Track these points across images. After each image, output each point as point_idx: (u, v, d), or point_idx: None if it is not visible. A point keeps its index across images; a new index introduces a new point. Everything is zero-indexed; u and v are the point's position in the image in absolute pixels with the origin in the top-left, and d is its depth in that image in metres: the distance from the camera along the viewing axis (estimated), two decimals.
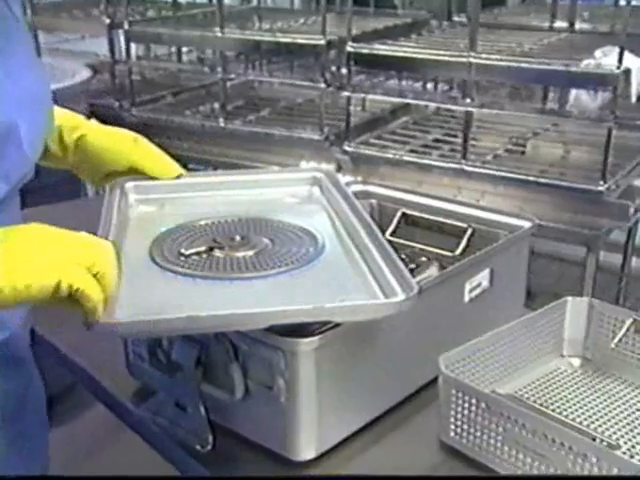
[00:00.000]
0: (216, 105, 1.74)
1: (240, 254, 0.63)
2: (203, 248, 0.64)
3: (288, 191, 0.76)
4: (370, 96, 1.58)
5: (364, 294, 0.56)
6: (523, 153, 1.50)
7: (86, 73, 1.87)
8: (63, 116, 0.73)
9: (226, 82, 1.67)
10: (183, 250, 0.63)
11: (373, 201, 0.89)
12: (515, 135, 1.57)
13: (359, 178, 1.48)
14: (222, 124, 1.66)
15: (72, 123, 0.73)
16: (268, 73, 1.90)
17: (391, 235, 0.83)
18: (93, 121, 0.74)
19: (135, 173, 0.73)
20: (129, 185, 0.74)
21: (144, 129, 0.82)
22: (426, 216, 0.83)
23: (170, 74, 2.05)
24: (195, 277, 0.59)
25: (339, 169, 1.52)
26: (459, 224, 0.81)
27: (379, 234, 0.64)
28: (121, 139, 0.72)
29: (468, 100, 1.41)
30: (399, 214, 0.85)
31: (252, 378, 0.61)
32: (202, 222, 0.70)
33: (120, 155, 0.72)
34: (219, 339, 0.61)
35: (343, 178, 0.82)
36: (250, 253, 0.63)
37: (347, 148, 1.52)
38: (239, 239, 0.65)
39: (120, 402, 0.72)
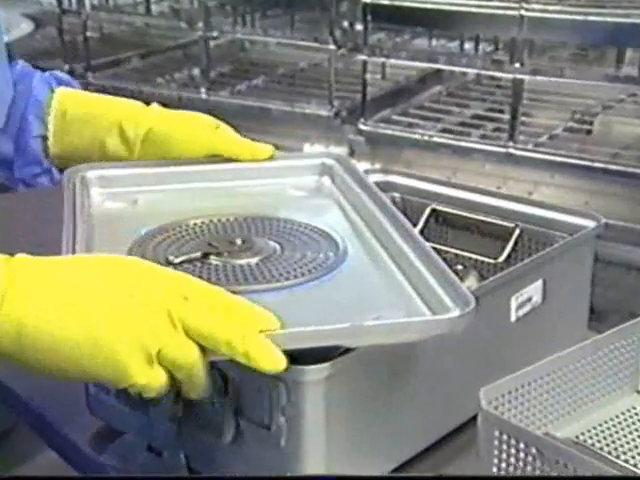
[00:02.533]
0: (196, 71, 1.78)
1: (243, 261, 0.64)
2: (197, 254, 0.65)
3: (292, 182, 0.78)
4: (392, 60, 1.61)
5: (402, 310, 0.58)
6: (589, 132, 1.52)
7: (25, 27, 1.89)
8: (120, 107, 0.76)
9: (208, 41, 1.71)
10: (171, 257, 0.65)
11: (395, 194, 0.91)
12: (579, 109, 1.59)
13: (377, 165, 1.51)
14: (204, 95, 1.69)
15: (133, 114, 0.75)
16: (262, 30, 1.93)
17: None
18: (155, 106, 0.78)
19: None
20: (90, 175, 0.76)
21: None
22: (462, 213, 0.85)
23: (136, 30, 2.09)
24: None
25: (352, 153, 1.54)
26: (504, 223, 0.83)
27: (416, 234, 0.66)
28: (197, 127, 0.75)
29: (518, 65, 1.44)
30: (428, 211, 0.87)
31: (245, 415, 0.63)
32: (191, 222, 0.71)
33: (197, 145, 0.75)
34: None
35: (358, 165, 0.85)
36: (254, 260, 0.64)
37: (363, 127, 1.55)
38: (240, 243, 0.66)
39: (76, 446, 0.74)
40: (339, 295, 0.60)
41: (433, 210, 0.87)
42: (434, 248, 0.85)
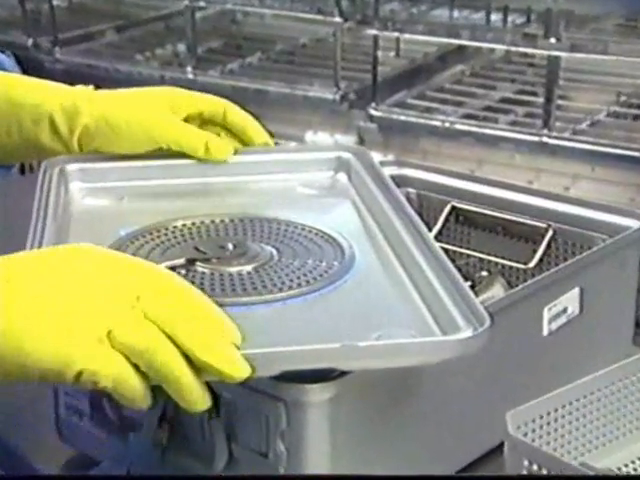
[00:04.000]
0: (181, 47, 1.79)
1: (233, 269, 0.65)
2: (181, 260, 0.66)
3: (302, 178, 0.79)
4: (407, 35, 1.62)
5: (411, 328, 0.58)
6: (637, 118, 1.52)
7: None
8: (49, 96, 0.76)
9: (195, 12, 1.72)
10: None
11: (410, 190, 0.93)
12: (625, 91, 1.59)
13: (390, 156, 1.52)
14: (190, 75, 1.71)
15: (65, 105, 0.75)
16: (257, 0, 1.95)
17: (436, 238, 0.87)
18: (90, 91, 0.78)
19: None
20: (71, 168, 0.77)
21: (72, 81, 0.85)
22: (487, 212, 0.86)
23: None
24: None
25: (361, 142, 1.56)
26: (535, 223, 0.84)
27: (433, 242, 0.66)
28: (147, 116, 0.75)
29: (553, 39, 1.45)
30: (448, 209, 0.88)
31: (239, 440, 0.64)
32: (179, 223, 0.72)
33: (146, 140, 0.76)
34: None
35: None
36: (247, 268, 0.65)
37: (374, 112, 1.56)
38: (232, 248, 0.67)
39: (45, 476, 0.76)
40: (339, 310, 0.61)
41: (453, 208, 0.88)
42: (455, 251, 0.87)
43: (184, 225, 0.72)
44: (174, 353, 0.53)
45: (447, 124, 1.51)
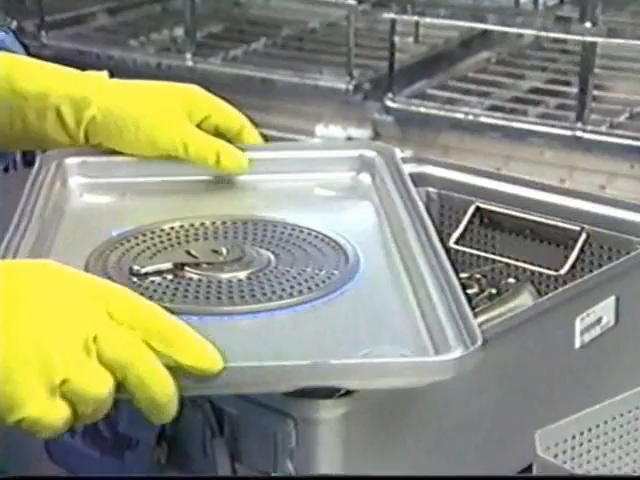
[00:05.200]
0: (179, 31, 1.81)
1: (224, 275, 0.67)
2: (168, 265, 0.67)
3: (321, 178, 0.80)
4: (428, 19, 1.63)
5: (404, 346, 0.59)
6: None
7: None
8: (55, 84, 0.77)
9: None
10: (137, 267, 0.67)
11: (430, 190, 0.94)
12: None
13: (408, 152, 1.53)
14: (189, 62, 1.72)
15: (72, 94, 0.76)
16: None
17: (458, 242, 0.88)
18: (105, 78, 0.78)
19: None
20: (71, 162, 0.78)
21: None
22: (514, 213, 0.87)
23: None
24: None
25: (376, 136, 1.57)
26: (568, 226, 0.85)
27: (442, 254, 0.67)
28: (161, 115, 0.76)
29: (589, 24, 1.46)
30: (471, 210, 0.89)
31: (244, 460, 0.65)
32: (175, 224, 0.73)
33: (158, 142, 0.76)
34: (195, 401, 0.66)
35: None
36: (240, 275, 0.67)
37: (390, 103, 1.57)
38: (226, 252, 0.69)
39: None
40: (329, 324, 0.62)
41: (478, 209, 0.89)
42: (479, 255, 0.88)
43: (181, 226, 0.73)
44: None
45: (471, 117, 1.52)
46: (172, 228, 0.73)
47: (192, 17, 1.72)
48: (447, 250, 0.86)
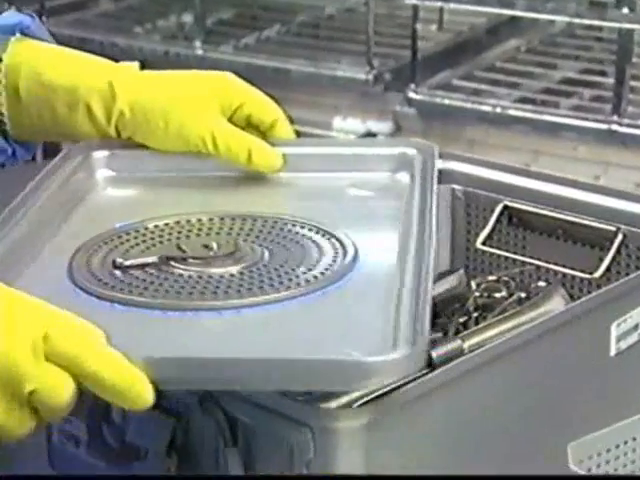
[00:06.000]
0: (188, 17, 1.81)
1: (208, 271, 0.69)
2: (153, 258, 0.70)
3: (356, 177, 0.81)
4: (452, 5, 1.64)
5: (364, 351, 0.60)
6: None
7: None
8: (85, 76, 0.80)
9: None
10: (120, 260, 0.70)
11: (456, 187, 0.94)
12: None
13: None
14: (199, 51, 1.73)
15: (102, 87, 0.79)
16: None
17: (485, 243, 0.89)
18: (135, 69, 0.82)
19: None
20: (98, 155, 0.81)
21: None
22: (545, 212, 0.88)
23: None
24: (126, 304, 0.66)
25: (397, 129, 1.58)
26: (602, 226, 0.86)
27: (430, 256, 0.69)
28: (195, 109, 0.78)
29: (626, 9, 1.46)
30: (499, 209, 0.90)
31: (258, 471, 0.66)
32: (171, 220, 0.76)
33: (189, 137, 0.79)
34: (206, 408, 0.67)
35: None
36: (224, 271, 0.69)
37: (413, 95, 1.58)
38: (216, 248, 0.71)
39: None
40: (293, 325, 0.64)
41: (506, 208, 0.90)
42: (507, 257, 0.88)
43: (176, 222, 0.76)
44: None
45: (498, 109, 1.53)
46: (167, 224, 0.76)
47: (201, 2, 1.73)
48: (474, 251, 0.87)
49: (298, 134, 0.84)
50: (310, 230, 0.75)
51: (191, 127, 0.79)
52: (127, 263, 0.70)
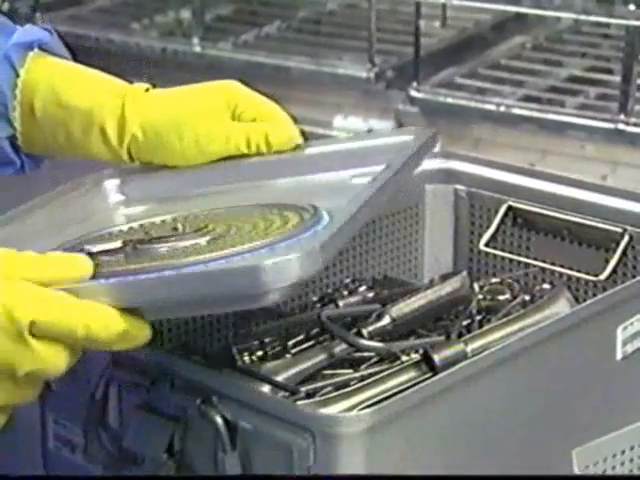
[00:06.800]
0: (186, 13, 1.81)
1: (183, 243, 0.71)
2: (117, 243, 0.72)
3: (358, 170, 0.83)
4: (456, 1, 1.63)
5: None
6: None
7: None
8: (100, 100, 0.82)
9: None
10: (88, 247, 0.72)
11: (459, 187, 0.95)
12: None
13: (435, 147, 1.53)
14: (197, 47, 1.72)
15: (117, 112, 0.82)
16: None
17: (489, 244, 0.89)
18: (147, 90, 0.83)
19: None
20: (110, 184, 0.85)
21: None
22: (550, 213, 0.88)
23: None
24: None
25: (400, 128, 1.57)
26: (609, 227, 0.86)
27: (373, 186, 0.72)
28: (204, 123, 0.82)
29: (632, 6, 1.46)
30: (503, 209, 0.90)
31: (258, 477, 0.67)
32: (159, 219, 0.79)
33: (205, 150, 0.83)
34: (205, 413, 0.67)
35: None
36: (201, 240, 0.71)
37: (415, 93, 1.57)
38: (182, 228, 0.74)
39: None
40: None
41: (510, 208, 0.90)
42: (511, 259, 0.88)
43: (162, 221, 0.78)
44: None
45: (503, 108, 1.52)
46: (152, 223, 0.78)
47: None
48: (478, 252, 0.87)
49: (304, 134, 0.86)
50: (284, 209, 0.76)
51: (206, 136, 0.82)
52: (95, 249, 0.71)
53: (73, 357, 0.62)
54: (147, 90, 0.84)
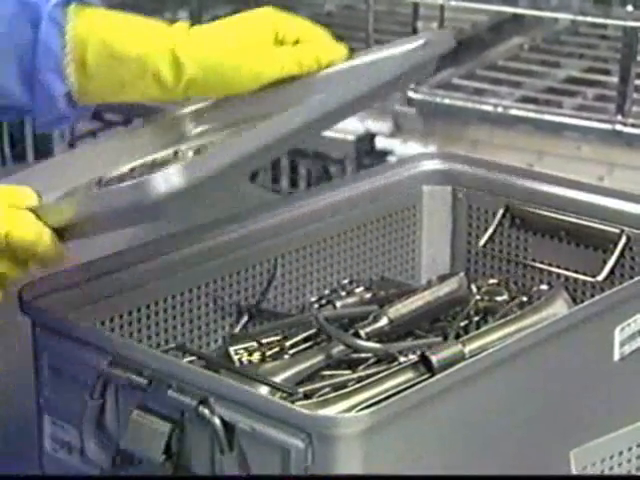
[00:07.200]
0: (183, 14, 1.81)
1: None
2: (125, 169, 0.79)
3: None
4: (453, 2, 1.63)
5: None
6: None
7: None
8: (152, 45, 0.84)
9: None
10: (101, 176, 0.80)
11: (457, 188, 0.95)
12: None
13: (432, 147, 1.53)
14: None
15: (170, 55, 0.84)
16: None
17: (487, 245, 0.89)
18: (194, 29, 0.86)
19: None
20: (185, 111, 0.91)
21: None
22: (548, 214, 0.88)
23: None
24: None
25: (397, 130, 1.58)
26: (606, 228, 0.86)
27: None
28: (250, 52, 0.86)
29: (630, 7, 1.45)
30: (501, 210, 0.90)
31: (254, 478, 0.67)
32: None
33: (253, 79, 0.87)
34: (202, 414, 0.67)
35: (405, 145, 0.88)
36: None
37: (413, 94, 1.57)
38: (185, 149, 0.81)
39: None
40: None
41: (508, 209, 0.90)
42: (509, 259, 0.88)
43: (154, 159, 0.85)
44: None
45: (500, 109, 1.52)
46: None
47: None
48: (475, 253, 0.88)
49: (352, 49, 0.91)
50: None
51: (259, 63, 0.86)
52: (106, 178, 0.80)
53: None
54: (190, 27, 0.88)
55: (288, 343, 0.82)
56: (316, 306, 0.91)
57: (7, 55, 0.83)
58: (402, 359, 0.78)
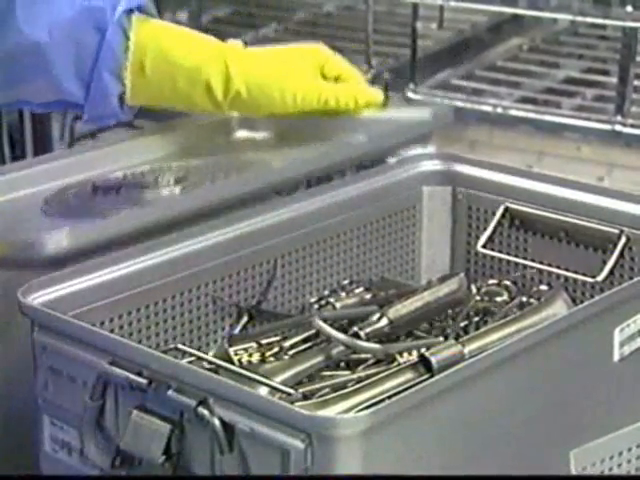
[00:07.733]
0: (182, 15, 1.81)
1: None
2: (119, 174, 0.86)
3: None
4: (453, 2, 1.63)
5: None
6: None
7: None
8: (207, 58, 0.92)
9: None
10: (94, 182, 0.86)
11: (457, 189, 0.95)
12: None
13: (432, 148, 1.53)
14: None
15: (222, 69, 0.92)
16: None
17: (486, 245, 0.89)
18: (245, 49, 0.95)
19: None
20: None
21: None
22: (547, 214, 0.88)
23: None
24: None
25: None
26: (606, 228, 0.86)
27: None
28: (296, 77, 0.95)
29: (630, 8, 1.46)
30: (501, 210, 0.90)
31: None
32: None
33: (294, 103, 0.95)
34: (202, 415, 0.67)
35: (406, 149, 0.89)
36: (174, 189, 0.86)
37: (412, 95, 1.58)
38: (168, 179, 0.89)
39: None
40: None
41: (507, 209, 0.90)
42: (509, 260, 0.89)
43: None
44: None
45: (500, 109, 1.53)
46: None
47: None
48: (475, 254, 0.88)
49: (387, 94, 1.01)
50: None
51: (302, 90, 0.93)
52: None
53: None
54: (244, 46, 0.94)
55: (288, 344, 0.82)
56: (316, 306, 0.91)
57: (67, 55, 0.88)
58: (402, 360, 0.78)
